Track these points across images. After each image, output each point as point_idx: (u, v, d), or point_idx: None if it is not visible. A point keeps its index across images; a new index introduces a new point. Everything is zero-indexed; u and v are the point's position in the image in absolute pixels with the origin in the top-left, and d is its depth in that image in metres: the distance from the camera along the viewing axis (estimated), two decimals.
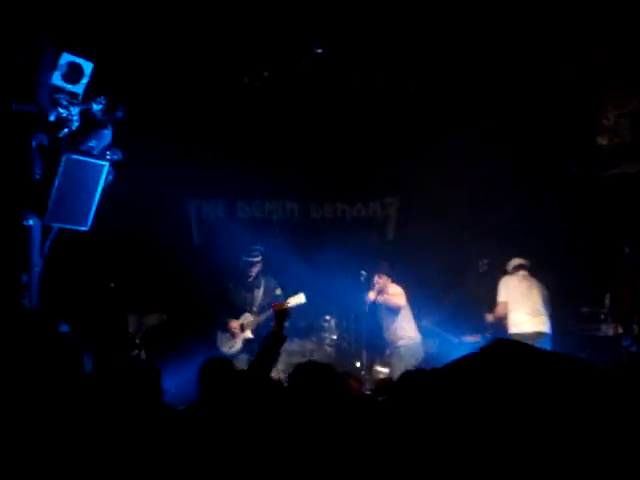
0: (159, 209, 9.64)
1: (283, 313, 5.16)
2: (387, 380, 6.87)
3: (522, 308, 7.73)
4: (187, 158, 9.60)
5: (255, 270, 8.45)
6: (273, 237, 9.52)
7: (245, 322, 8.27)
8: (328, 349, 8.81)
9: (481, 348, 1.72)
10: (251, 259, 8.44)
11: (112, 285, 8.47)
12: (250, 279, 8.47)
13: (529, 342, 5.89)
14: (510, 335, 7.57)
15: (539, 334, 7.63)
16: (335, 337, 8.94)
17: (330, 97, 9.82)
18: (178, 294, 9.11)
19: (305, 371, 3.62)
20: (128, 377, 4.27)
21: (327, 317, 8.98)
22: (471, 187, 9.29)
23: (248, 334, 8.21)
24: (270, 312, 7.87)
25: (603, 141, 7.67)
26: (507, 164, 8.77)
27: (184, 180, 9.83)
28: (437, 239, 9.43)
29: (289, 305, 7.74)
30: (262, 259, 8.50)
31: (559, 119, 7.99)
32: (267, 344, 4.94)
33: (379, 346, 8.69)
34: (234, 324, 8.27)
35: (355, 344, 8.89)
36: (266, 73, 9.68)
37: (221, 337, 8.33)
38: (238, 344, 8.21)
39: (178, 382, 6.36)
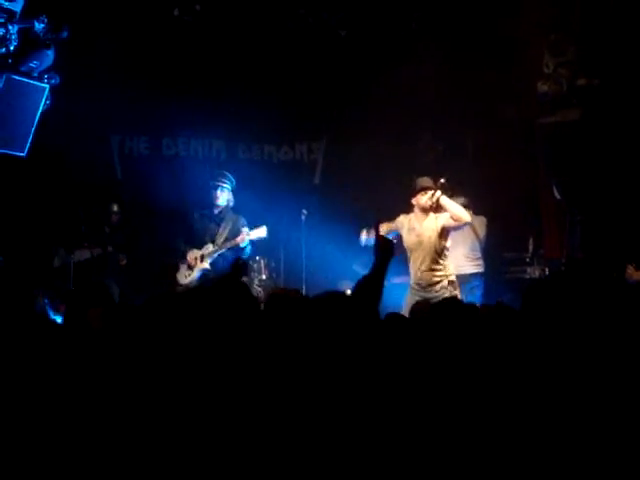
0: (81, 142, 9.29)
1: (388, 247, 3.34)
2: None
3: (461, 249, 7.85)
4: (112, 92, 9.26)
5: (221, 197, 8.05)
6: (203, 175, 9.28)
7: (206, 253, 8.01)
8: (257, 289, 8.80)
9: None
10: (218, 183, 8.07)
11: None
12: (217, 210, 8.09)
13: (466, 283, 6.27)
14: None
15: (475, 275, 7.88)
16: (264, 277, 8.95)
17: (262, 37, 9.68)
18: (105, 230, 8.85)
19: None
20: None
21: (257, 257, 8.93)
22: (400, 131, 9.38)
23: (206, 264, 7.98)
24: (230, 244, 7.90)
25: (544, 87, 7.93)
26: (436, 107, 8.88)
27: (108, 115, 9.51)
28: (364, 184, 9.55)
29: (249, 237, 7.86)
30: (231, 190, 8.15)
31: (502, 64, 8.13)
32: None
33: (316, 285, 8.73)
34: (194, 254, 8.02)
35: (284, 284, 8.91)
36: (198, 7, 9.45)
37: (181, 267, 8.11)
38: (195, 274, 8.00)
39: None
